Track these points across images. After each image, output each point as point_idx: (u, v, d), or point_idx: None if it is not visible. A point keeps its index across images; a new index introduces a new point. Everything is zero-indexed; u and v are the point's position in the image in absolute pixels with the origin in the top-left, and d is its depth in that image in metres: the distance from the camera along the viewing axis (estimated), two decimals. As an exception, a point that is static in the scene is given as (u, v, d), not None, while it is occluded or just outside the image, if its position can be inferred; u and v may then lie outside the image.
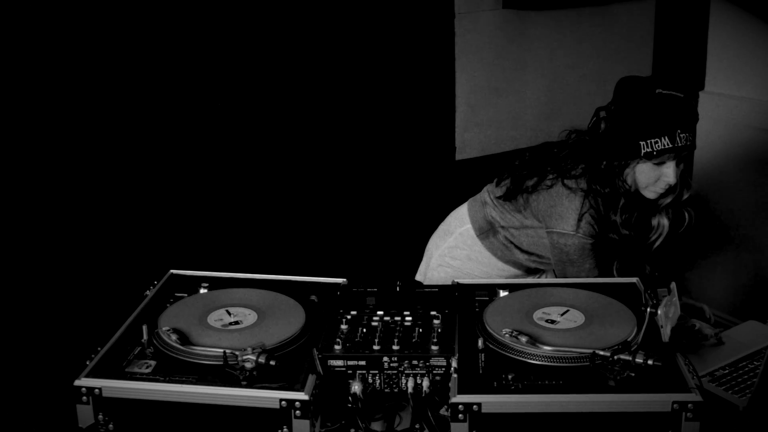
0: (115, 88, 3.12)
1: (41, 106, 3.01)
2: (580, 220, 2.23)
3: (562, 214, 2.25)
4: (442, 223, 2.63)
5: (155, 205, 3.25)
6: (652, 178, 2.21)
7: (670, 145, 2.14)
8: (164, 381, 1.63)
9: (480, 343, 1.73)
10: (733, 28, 3.32)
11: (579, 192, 2.24)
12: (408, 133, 3.73)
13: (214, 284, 1.99)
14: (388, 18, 3.57)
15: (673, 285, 1.81)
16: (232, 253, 3.38)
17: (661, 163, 2.18)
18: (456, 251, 2.52)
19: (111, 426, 1.65)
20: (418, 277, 2.64)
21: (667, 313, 1.73)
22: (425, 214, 3.18)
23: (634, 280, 2.03)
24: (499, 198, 2.43)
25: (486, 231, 2.46)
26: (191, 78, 3.25)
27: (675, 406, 1.56)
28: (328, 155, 3.58)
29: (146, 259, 3.14)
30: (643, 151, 2.16)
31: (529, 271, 2.50)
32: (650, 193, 2.25)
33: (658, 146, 2.14)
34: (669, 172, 2.19)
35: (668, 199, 2.31)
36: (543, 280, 2.49)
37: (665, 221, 2.34)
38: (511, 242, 2.42)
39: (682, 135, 2.14)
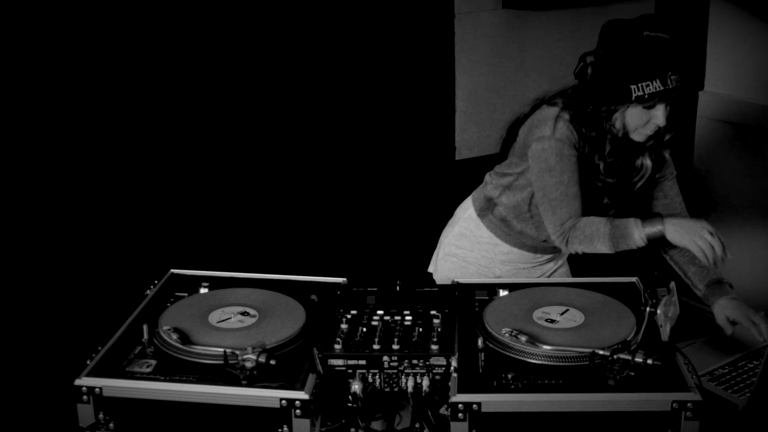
0: (115, 88, 3.12)
1: (41, 106, 3.01)
2: (556, 122, 2.21)
3: (539, 120, 2.25)
4: (452, 216, 2.64)
5: (155, 204, 3.26)
6: (642, 121, 2.19)
7: (662, 88, 2.13)
8: (165, 380, 1.63)
9: (480, 342, 1.73)
10: (732, 28, 3.32)
11: (559, 103, 2.25)
12: (408, 133, 3.73)
13: (215, 284, 1.99)
14: (388, 18, 3.57)
15: (672, 285, 1.82)
16: (232, 253, 3.39)
17: (651, 107, 2.17)
18: (461, 240, 2.52)
19: (111, 425, 1.65)
20: (430, 269, 2.64)
21: (667, 313, 1.74)
22: (425, 214, 3.19)
23: (633, 279, 2.03)
24: (497, 165, 2.45)
25: (485, 209, 2.47)
26: (191, 78, 3.25)
27: (674, 405, 1.56)
28: (328, 155, 3.59)
29: (146, 258, 3.14)
30: (634, 95, 2.14)
31: (536, 250, 2.49)
32: (639, 136, 2.23)
33: (650, 89, 2.13)
34: (659, 115, 2.17)
35: (652, 141, 2.29)
36: (543, 280, 2.49)
37: (648, 162, 2.31)
38: (509, 211, 2.41)
39: (672, 77, 2.13)
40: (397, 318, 1.85)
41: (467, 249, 2.52)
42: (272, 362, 1.63)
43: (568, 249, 2.25)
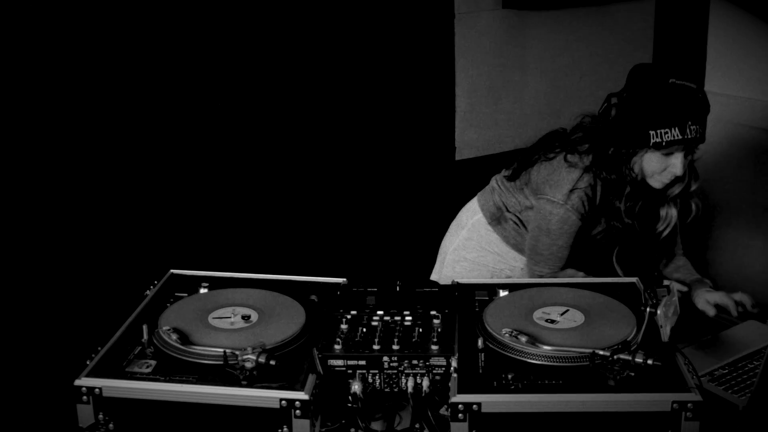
0: (115, 88, 3.12)
1: (41, 106, 3.01)
2: (572, 192, 2.24)
3: (557, 182, 2.26)
4: (454, 221, 2.62)
5: (155, 205, 3.26)
6: (659, 167, 2.20)
7: (680, 137, 2.13)
8: (164, 381, 1.63)
9: (480, 342, 1.73)
10: (733, 28, 3.32)
11: (580, 166, 2.25)
12: (408, 133, 3.73)
13: (214, 284, 1.99)
14: (388, 18, 3.57)
15: (672, 285, 1.82)
16: (232, 253, 3.39)
17: (669, 154, 2.18)
18: (470, 243, 2.51)
19: (111, 426, 1.65)
20: (433, 277, 2.64)
21: (667, 313, 1.74)
22: (425, 214, 3.18)
23: (633, 280, 2.03)
24: (505, 177, 2.44)
25: (497, 217, 2.46)
26: (191, 78, 3.25)
27: (675, 405, 1.56)
28: (329, 155, 3.59)
29: (146, 259, 3.14)
30: (651, 141, 2.15)
31: None
32: (656, 183, 2.25)
33: (668, 137, 2.13)
34: (677, 163, 2.18)
35: (677, 190, 2.30)
36: (543, 280, 2.48)
37: (673, 212, 2.33)
38: (522, 224, 2.42)
39: (692, 127, 2.14)
40: (397, 318, 1.84)
41: (477, 251, 2.51)
42: (272, 362, 1.62)
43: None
